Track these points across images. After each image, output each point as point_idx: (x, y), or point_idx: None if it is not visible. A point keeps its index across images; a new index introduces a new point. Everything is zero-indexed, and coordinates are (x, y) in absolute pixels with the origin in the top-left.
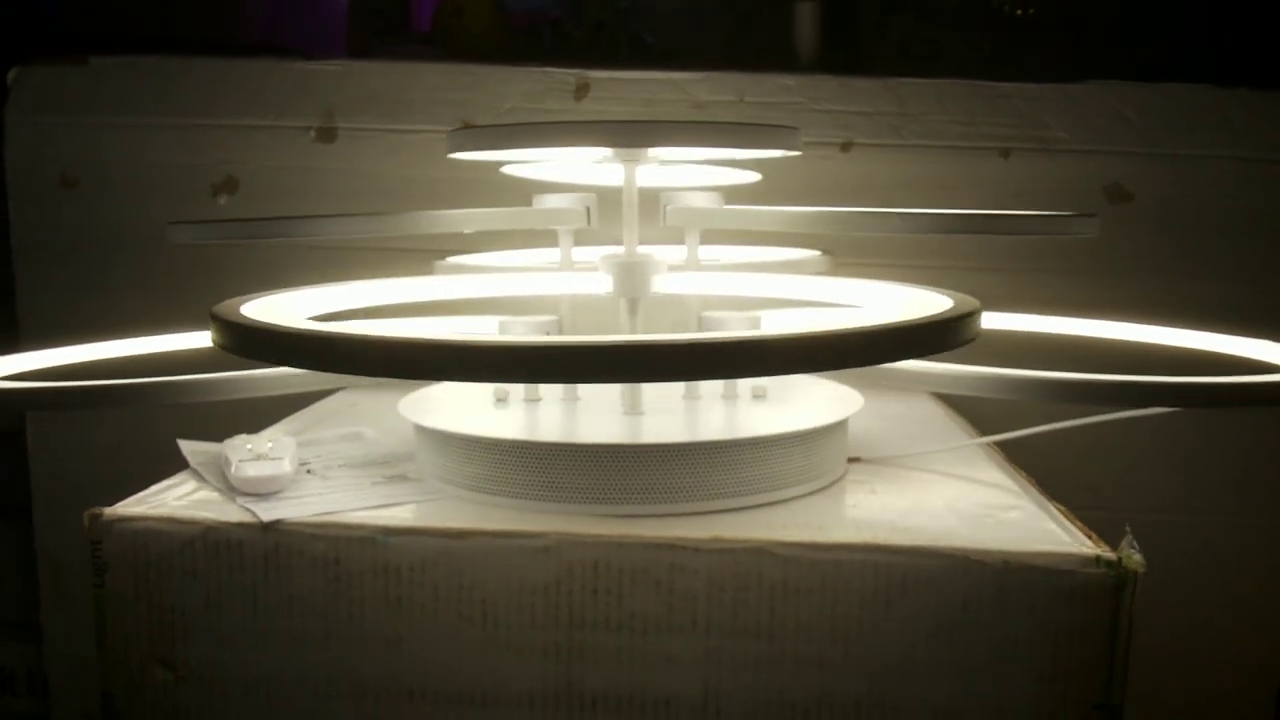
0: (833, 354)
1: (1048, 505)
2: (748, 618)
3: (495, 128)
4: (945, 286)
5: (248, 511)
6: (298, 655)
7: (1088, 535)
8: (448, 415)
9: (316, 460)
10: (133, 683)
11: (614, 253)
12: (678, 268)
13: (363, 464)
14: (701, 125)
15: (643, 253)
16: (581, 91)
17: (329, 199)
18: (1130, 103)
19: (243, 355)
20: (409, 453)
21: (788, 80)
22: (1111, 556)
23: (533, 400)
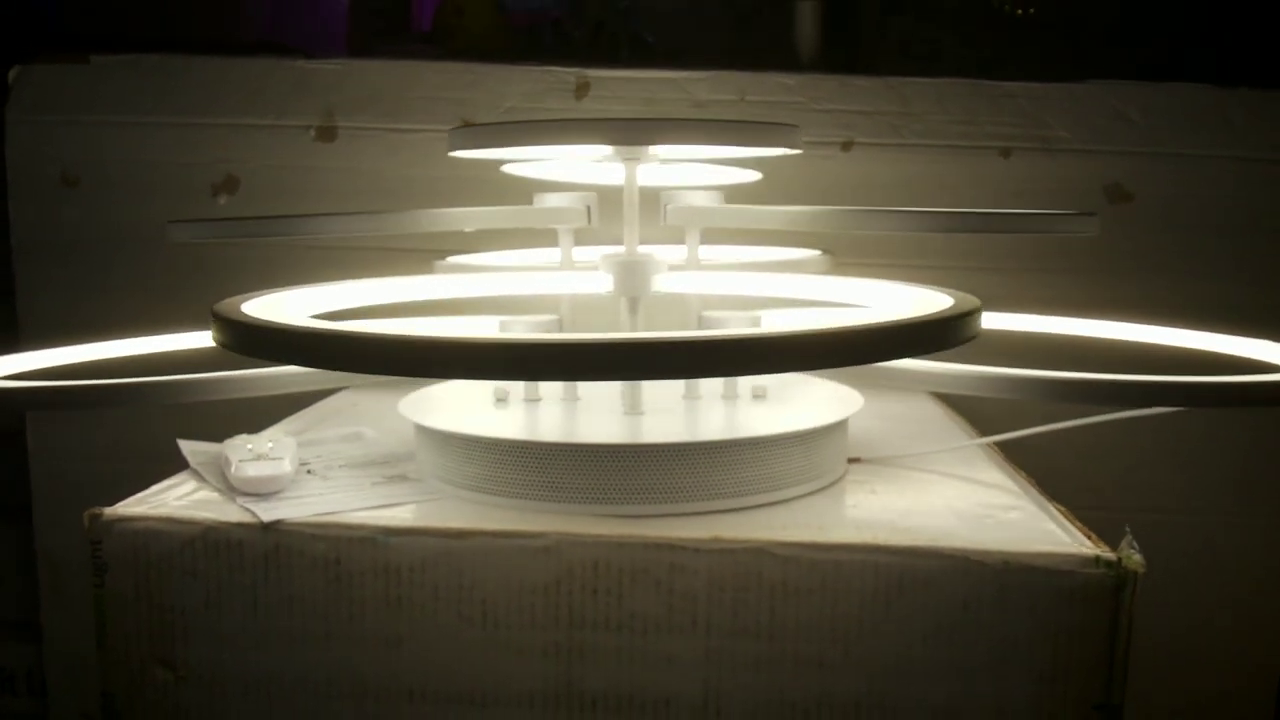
0: (833, 352)
1: (1047, 505)
2: (748, 618)
3: (496, 125)
4: (946, 286)
5: (248, 511)
6: (298, 655)
7: (1087, 535)
8: (448, 415)
9: (317, 460)
10: (133, 683)
11: (614, 252)
12: (678, 267)
13: (363, 464)
14: (701, 123)
15: (643, 252)
16: (582, 91)
17: (329, 198)
18: (1131, 102)
19: (244, 353)
20: (409, 453)
21: (788, 79)
22: (1111, 557)
23: (533, 400)
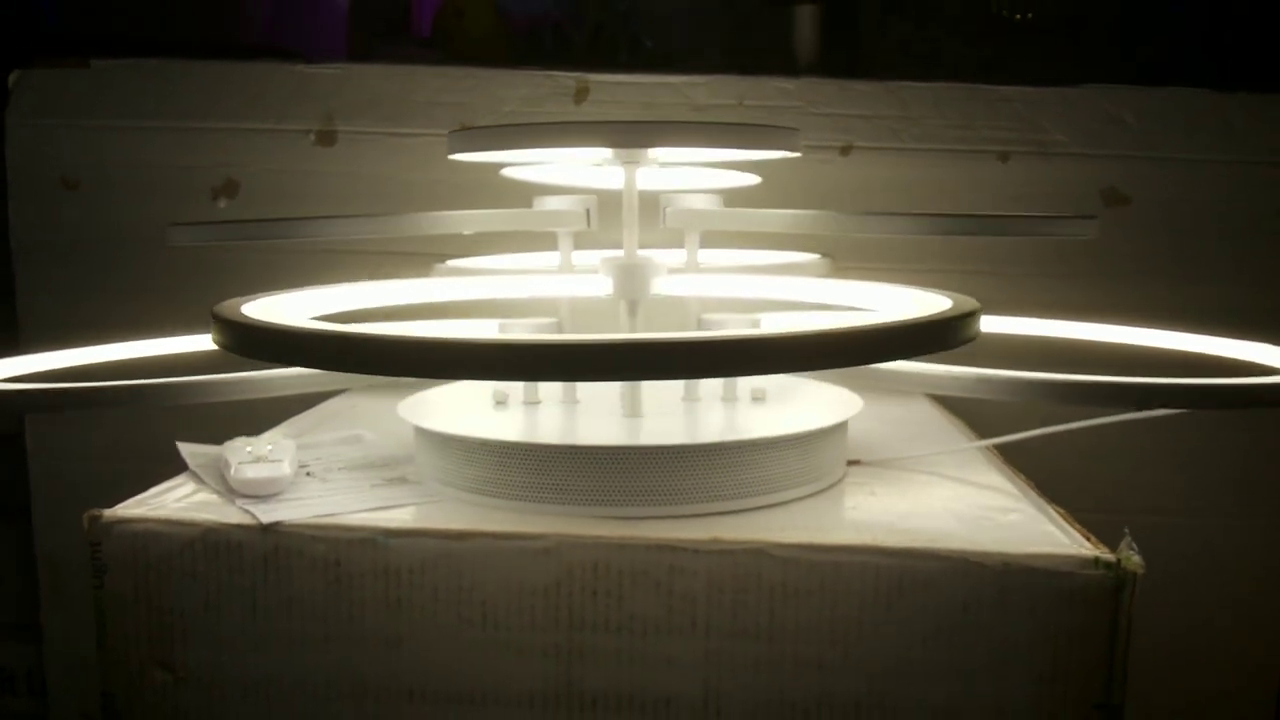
0: (833, 352)
1: (1047, 507)
2: (747, 619)
3: (496, 128)
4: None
5: (247, 513)
6: (297, 657)
7: (1086, 537)
8: (447, 418)
9: (316, 463)
10: (132, 684)
11: (613, 255)
12: (677, 270)
13: (362, 466)
14: (701, 125)
15: (642, 255)
16: (581, 95)
17: (329, 202)
18: (1128, 106)
19: (245, 355)
20: (408, 455)
21: (787, 84)
22: (1111, 558)
23: (532, 403)
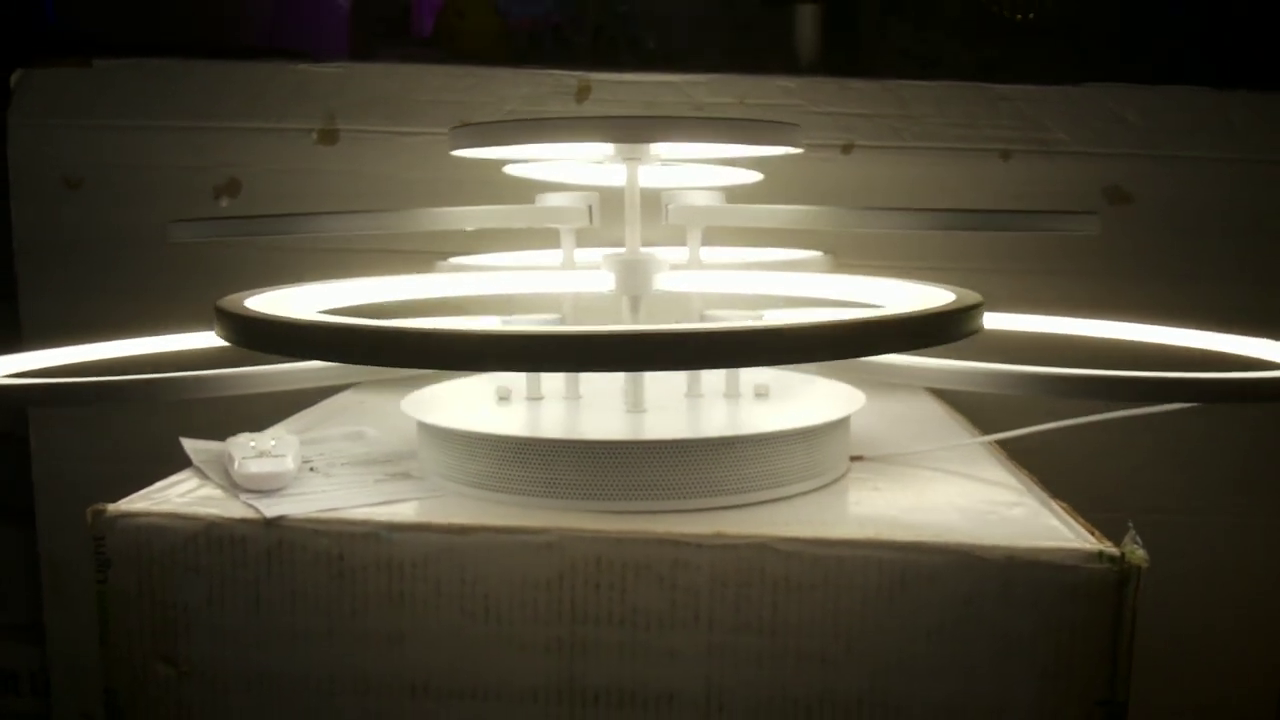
0: (837, 344)
1: (1050, 502)
2: (750, 613)
3: (498, 124)
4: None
5: (251, 508)
6: (300, 651)
7: (1090, 531)
8: (451, 413)
9: (319, 458)
10: (135, 679)
11: (616, 252)
12: (680, 267)
13: (365, 462)
14: (703, 120)
15: (645, 252)
16: (583, 94)
17: (331, 201)
18: (1130, 105)
19: (252, 348)
20: (411, 451)
21: (788, 83)
22: (1114, 552)
23: (535, 398)
